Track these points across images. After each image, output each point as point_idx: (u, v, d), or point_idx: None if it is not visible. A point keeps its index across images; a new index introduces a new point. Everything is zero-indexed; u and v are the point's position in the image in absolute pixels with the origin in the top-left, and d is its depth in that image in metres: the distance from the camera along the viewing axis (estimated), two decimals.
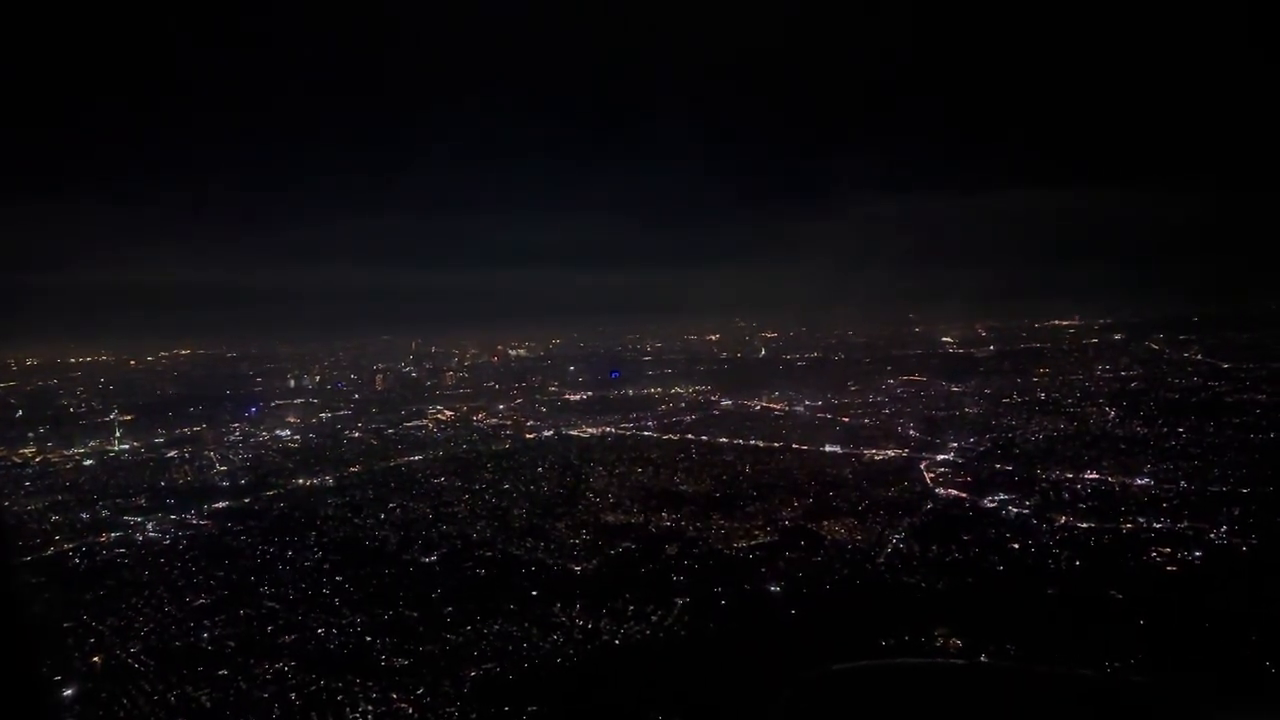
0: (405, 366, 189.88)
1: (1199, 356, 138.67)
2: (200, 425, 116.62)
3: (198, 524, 68.11)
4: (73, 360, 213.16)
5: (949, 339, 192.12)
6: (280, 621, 47.19)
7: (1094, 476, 67.44)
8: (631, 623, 44.79)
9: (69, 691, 40.13)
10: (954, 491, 66.29)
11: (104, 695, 39.45)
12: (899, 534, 56.51)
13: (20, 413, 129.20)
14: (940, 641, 39.59)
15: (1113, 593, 44.35)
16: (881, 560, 52.17)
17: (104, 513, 71.98)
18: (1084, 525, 55.90)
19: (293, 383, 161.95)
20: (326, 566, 56.00)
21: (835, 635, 41.31)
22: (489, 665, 40.18)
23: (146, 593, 52.46)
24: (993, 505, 62.09)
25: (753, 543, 57.10)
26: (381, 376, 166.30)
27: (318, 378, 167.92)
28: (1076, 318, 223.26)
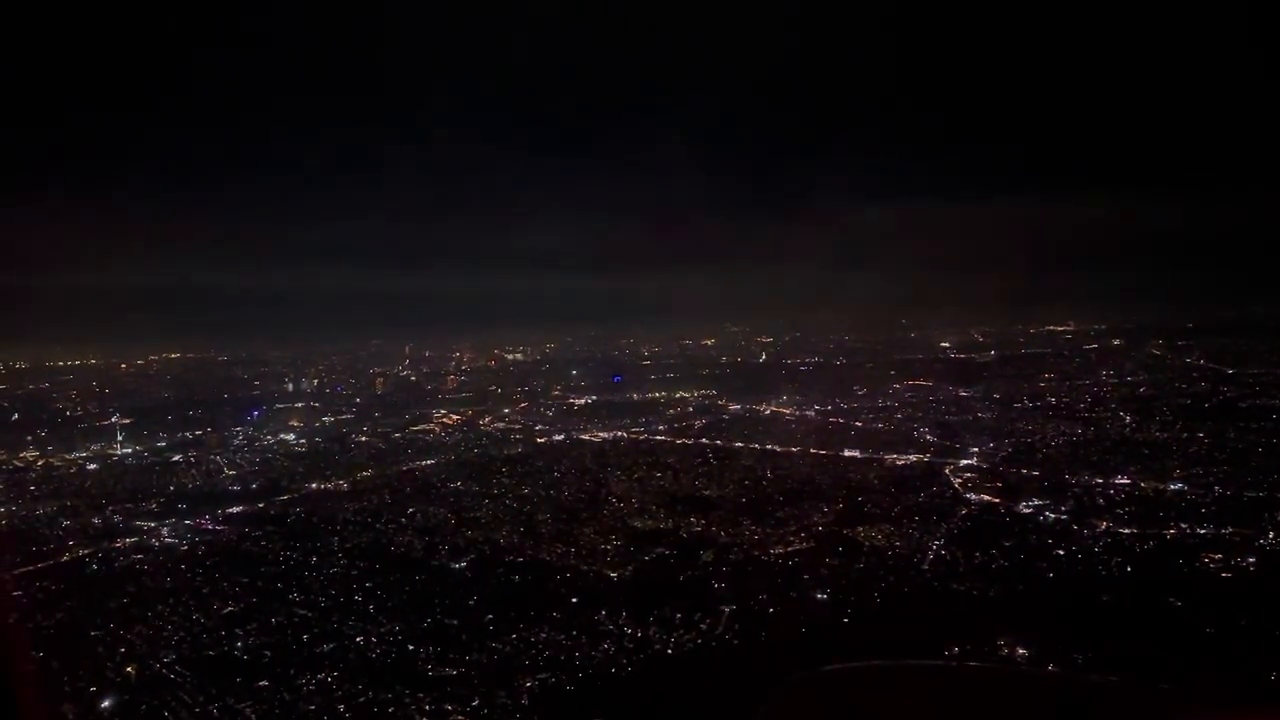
0: (402, 370, 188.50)
1: (1202, 362, 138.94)
2: (202, 429, 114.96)
3: (214, 529, 66.62)
4: (60, 363, 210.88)
5: (947, 344, 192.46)
6: (315, 630, 45.78)
7: (1125, 481, 66.87)
8: (681, 631, 43.66)
9: (106, 703, 38.75)
10: (985, 497, 65.53)
11: (143, 707, 37.99)
12: (938, 540, 55.67)
13: (16, 416, 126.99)
14: (1005, 651, 38.71)
15: (1172, 600, 43.58)
16: (926, 567, 51.28)
17: (115, 518, 70.33)
18: (1126, 531, 55.21)
19: (290, 386, 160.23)
20: (354, 573, 54.57)
21: (892, 644, 40.18)
22: (543, 675, 38.97)
23: (171, 600, 50.93)
24: (1028, 511, 61.35)
25: (789, 549, 56.08)
26: (381, 380, 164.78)
27: (315, 381, 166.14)
28: (1071, 323, 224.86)
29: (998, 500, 64.36)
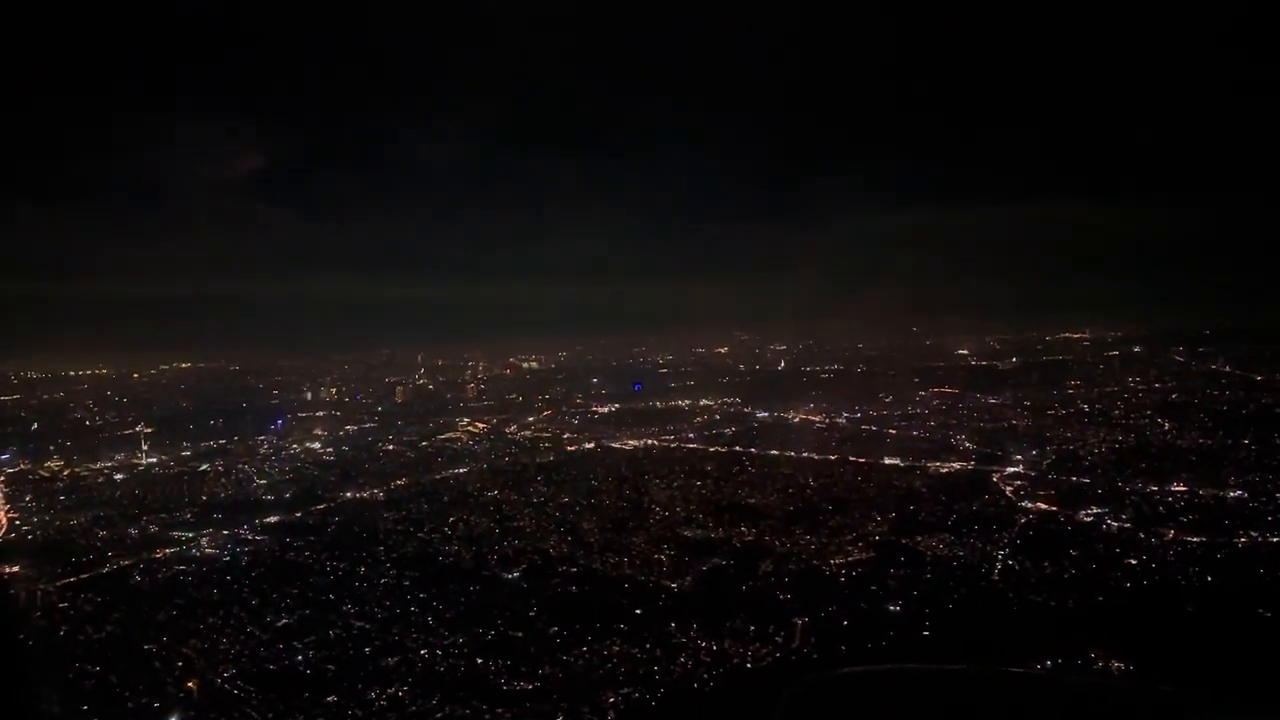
0: (419, 379, 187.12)
1: (1227, 368, 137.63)
2: (226, 438, 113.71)
3: (254, 539, 65.30)
4: (73, 373, 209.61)
5: (965, 351, 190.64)
6: (376, 642, 44.64)
7: (1181, 489, 65.60)
8: (757, 644, 42.47)
9: None
10: (1041, 505, 64.28)
11: None
12: (1003, 550, 54.47)
13: (35, 426, 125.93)
14: (1099, 664, 37.45)
15: (1261, 611, 42.33)
16: (997, 578, 50.06)
17: (151, 528, 69.09)
18: (1195, 539, 54.01)
19: (309, 395, 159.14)
20: (406, 584, 53.38)
21: (980, 659, 38.97)
22: (626, 689, 37.77)
23: (221, 612, 49.71)
24: (1089, 519, 60.09)
25: (850, 559, 54.89)
26: (400, 389, 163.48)
27: (333, 390, 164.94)
28: (1088, 330, 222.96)
29: (1054, 508, 63.12)
